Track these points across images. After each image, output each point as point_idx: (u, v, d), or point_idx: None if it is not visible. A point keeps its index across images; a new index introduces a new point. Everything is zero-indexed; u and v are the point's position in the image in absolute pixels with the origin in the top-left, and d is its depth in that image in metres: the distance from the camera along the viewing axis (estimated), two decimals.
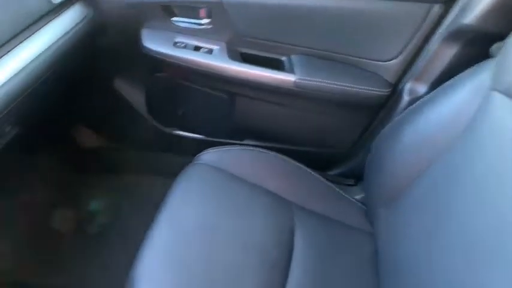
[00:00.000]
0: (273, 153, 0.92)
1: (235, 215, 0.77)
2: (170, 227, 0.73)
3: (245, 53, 0.93)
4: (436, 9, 0.77)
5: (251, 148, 0.91)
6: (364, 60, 0.89)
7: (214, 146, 0.91)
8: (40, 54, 0.72)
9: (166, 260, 0.69)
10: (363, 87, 0.88)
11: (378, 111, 0.96)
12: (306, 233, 0.79)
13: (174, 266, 0.69)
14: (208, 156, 0.88)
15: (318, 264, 0.75)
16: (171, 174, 0.84)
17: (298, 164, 0.92)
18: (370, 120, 0.99)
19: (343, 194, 0.91)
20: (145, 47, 0.92)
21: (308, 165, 0.93)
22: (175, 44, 0.92)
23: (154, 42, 0.92)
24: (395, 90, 0.90)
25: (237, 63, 0.90)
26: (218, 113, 1.09)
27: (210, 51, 0.91)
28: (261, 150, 0.91)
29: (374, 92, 0.88)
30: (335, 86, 0.88)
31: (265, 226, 0.77)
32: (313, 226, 0.80)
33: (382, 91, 0.88)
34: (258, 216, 0.78)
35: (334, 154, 1.11)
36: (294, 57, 0.92)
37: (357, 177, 1.07)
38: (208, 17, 0.89)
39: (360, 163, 0.92)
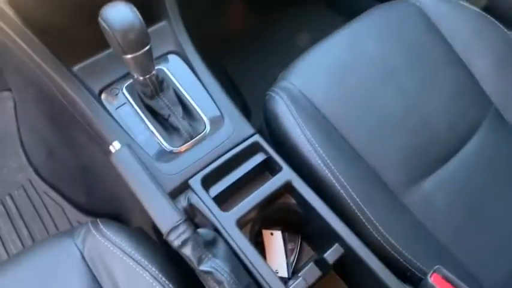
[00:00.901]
0: None
1: (422, 75, 0.83)
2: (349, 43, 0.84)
3: None
4: None
5: None
6: None
7: None
8: None
9: (330, 67, 0.81)
10: None
11: None
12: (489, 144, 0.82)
13: (335, 75, 0.80)
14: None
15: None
16: None
17: None
18: None
19: None
20: None
21: None
22: None
23: None
24: None
25: None
26: None
27: None
28: None
29: None
30: None
31: (447, 107, 0.82)
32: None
33: None
34: (442, 90, 0.83)
35: None
36: None
37: None
38: None
39: None
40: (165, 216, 0.54)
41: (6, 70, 1.14)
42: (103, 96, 0.74)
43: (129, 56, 0.60)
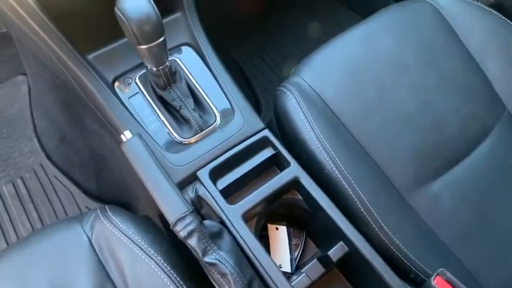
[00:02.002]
0: None
1: (435, 74, 0.82)
2: (363, 40, 0.84)
3: None
4: None
5: None
6: None
7: None
8: None
9: (342, 64, 0.81)
10: None
11: None
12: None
13: (347, 72, 0.79)
14: None
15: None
16: None
17: None
18: None
19: None
20: None
21: None
22: None
23: None
24: None
25: None
26: None
27: None
28: None
29: None
30: None
31: (459, 108, 0.81)
32: None
33: None
34: (455, 90, 0.82)
35: None
36: None
37: None
38: None
39: None
40: (172, 206, 0.55)
41: (22, 54, 1.16)
42: (116, 85, 0.75)
43: (143, 47, 0.61)
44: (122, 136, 0.61)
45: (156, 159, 0.59)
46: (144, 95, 0.74)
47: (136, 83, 0.75)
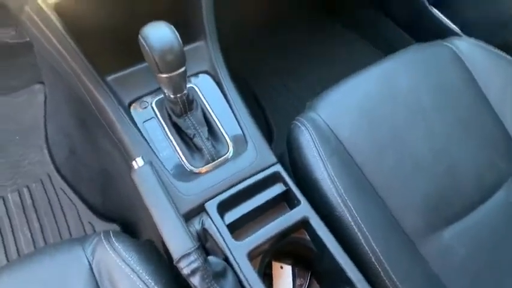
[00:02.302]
0: None
1: (452, 119, 0.81)
2: (381, 79, 0.83)
3: None
4: None
5: None
6: None
7: None
8: None
9: (359, 102, 0.79)
10: None
11: None
12: None
13: (363, 111, 0.78)
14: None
15: None
16: None
17: None
18: None
19: None
20: None
21: None
22: None
23: None
24: None
25: None
26: None
27: None
28: None
29: None
30: None
31: (475, 157, 0.79)
32: None
33: None
34: (472, 137, 0.81)
35: None
36: None
37: None
38: None
39: None
40: (177, 241, 0.54)
41: (41, 64, 1.18)
42: (132, 107, 0.75)
43: (163, 75, 0.61)
44: (134, 163, 0.61)
45: (165, 189, 0.58)
46: (159, 120, 0.74)
47: (152, 107, 0.75)
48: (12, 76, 1.34)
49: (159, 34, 0.58)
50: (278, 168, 0.71)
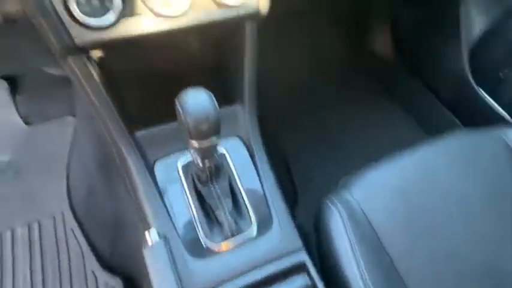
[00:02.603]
0: None
1: (497, 215, 0.74)
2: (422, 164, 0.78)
3: None
4: None
5: None
6: None
7: None
8: None
9: (396, 187, 0.74)
10: None
11: None
12: None
13: (400, 197, 0.73)
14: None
15: None
16: None
17: None
18: None
19: None
20: None
21: None
22: None
23: None
24: None
25: None
26: None
27: None
28: None
29: None
30: None
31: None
32: None
33: None
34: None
35: None
36: None
37: None
38: None
39: None
40: None
41: (76, 100, 1.18)
42: (157, 166, 0.71)
43: (194, 142, 0.57)
44: (147, 234, 0.55)
45: (176, 274, 0.52)
46: (183, 185, 0.69)
47: (178, 170, 0.70)
48: (50, 105, 1.37)
49: (196, 100, 0.54)
50: (304, 257, 0.64)
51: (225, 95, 0.64)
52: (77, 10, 0.51)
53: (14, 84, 1.35)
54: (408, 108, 1.47)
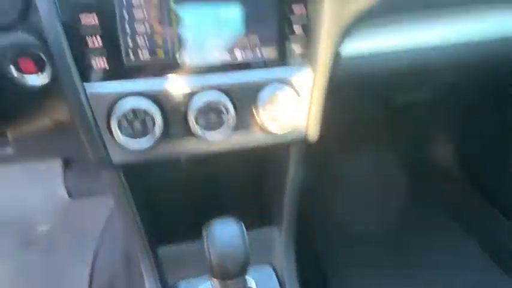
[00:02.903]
0: None
1: None
2: None
3: None
4: None
5: None
6: None
7: None
8: None
9: None
10: None
11: None
12: None
13: None
14: None
15: None
16: None
17: None
18: None
19: None
20: None
21: None
22: None
23: None
24: None
25: None
26: None
27: None
28: None
29: None
30: None
31: None
32: None
33: None
34: None
35: None
36: None
37: None
38: None
39: None
40: None
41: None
42: None
43: (217, 281, 0.50)
44: None
45: None
46: None
47: None
48: (96, 181, 1.38)
49: (223, 235, 0.48)
50: None
51: (261, 215, 0.58)
52: (118, 132, 0.50)
53: (67, 161, 1.41)
54: (470, 229, 1.27)
